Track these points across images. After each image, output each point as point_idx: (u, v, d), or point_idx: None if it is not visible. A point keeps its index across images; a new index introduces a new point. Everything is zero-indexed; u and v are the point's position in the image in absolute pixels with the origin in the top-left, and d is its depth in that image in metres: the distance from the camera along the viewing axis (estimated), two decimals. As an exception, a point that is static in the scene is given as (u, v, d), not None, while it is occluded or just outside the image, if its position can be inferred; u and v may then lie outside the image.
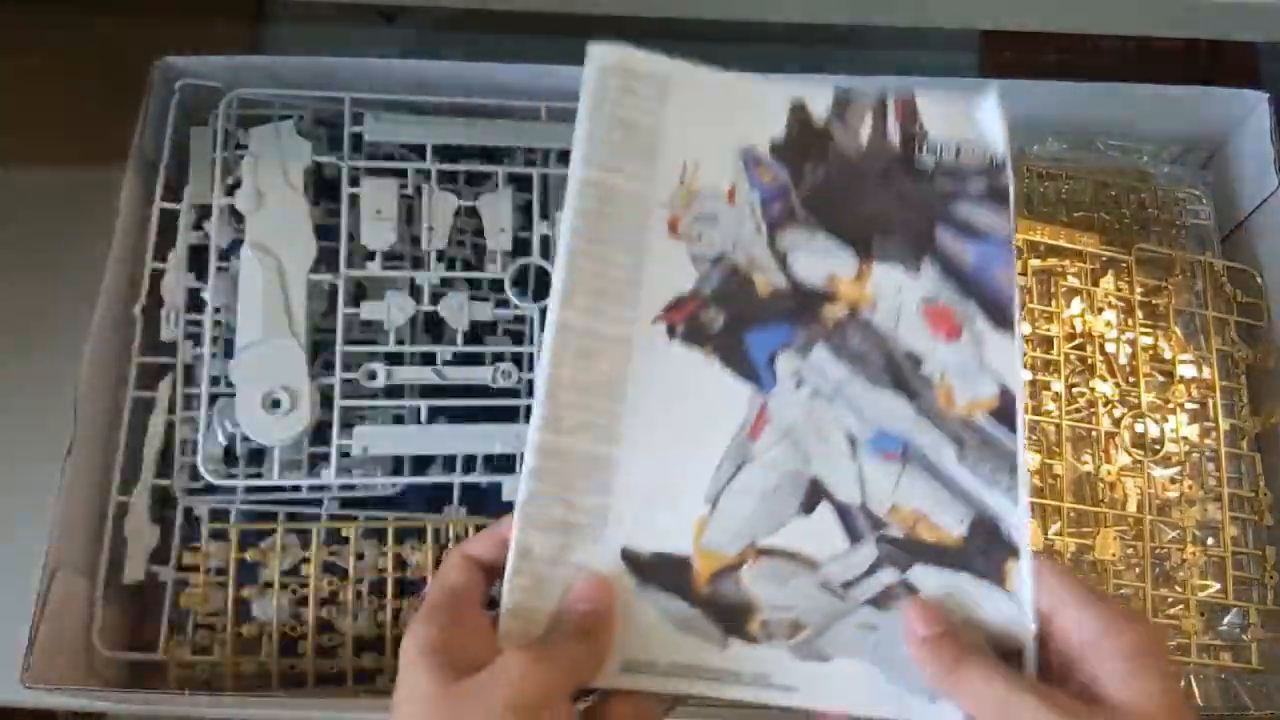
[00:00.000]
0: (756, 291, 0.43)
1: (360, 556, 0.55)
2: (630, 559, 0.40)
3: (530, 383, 0.56)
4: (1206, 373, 0.60)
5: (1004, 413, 0.41)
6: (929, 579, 0.40)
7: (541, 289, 0.58)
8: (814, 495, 0.41)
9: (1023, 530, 0.40)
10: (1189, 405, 0.60)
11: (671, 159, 0.43)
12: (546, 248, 0.58)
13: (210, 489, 0.56)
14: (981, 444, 0.41)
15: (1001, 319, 0.42)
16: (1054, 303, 0.60)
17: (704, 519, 0.40)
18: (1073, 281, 0.61)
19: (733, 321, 0.42)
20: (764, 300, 0.43)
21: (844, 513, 0.41)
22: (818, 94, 0.45)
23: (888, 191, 0.44)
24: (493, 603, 0.39)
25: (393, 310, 0.56)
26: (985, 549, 0.40)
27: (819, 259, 0.43)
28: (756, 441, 0.41)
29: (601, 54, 0.43)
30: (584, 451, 0.40)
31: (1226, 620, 0.58)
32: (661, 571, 0.40)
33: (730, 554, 0.40)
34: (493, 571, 0.39)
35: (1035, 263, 0.61)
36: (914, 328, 0.43)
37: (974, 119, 0.44)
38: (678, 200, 0.43)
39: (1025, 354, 0.59)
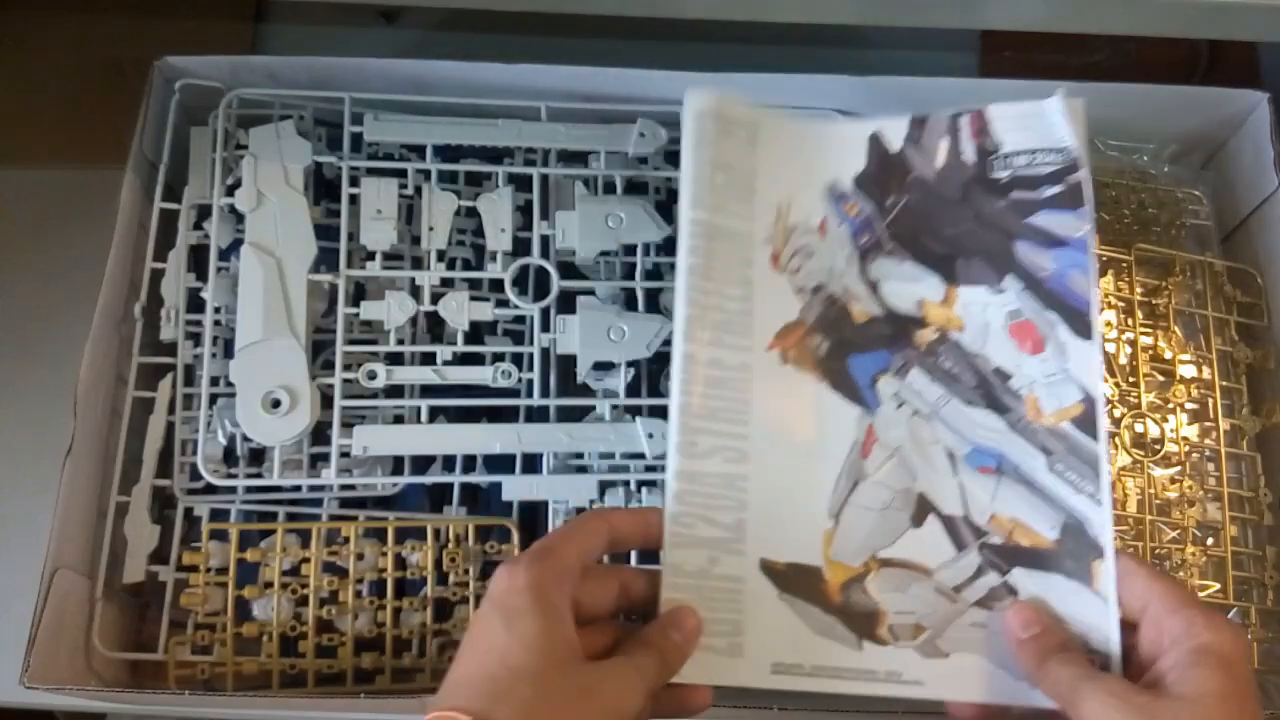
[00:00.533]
0: (854, 319, 0.46)
1: (360, 556, 0.55)
2: (768, 569, 0.43)
3: (530, 382, 0.56)
4: (1206, 373, 0.60)
5: (1087, 419, 0.44)
6: (1026, 581, 0.43)
7: (541, 289, 0.58)
8: (922, 509, 0.45)
9: (1107, 532, 0.43)
10: (1189, 405, 0.60)
11: (767, 198, 0.46)
12: (546, 247, 0.58)
13: (210, 489, 0.56)
14: (1068, 452, 0.44)
15: (1082, 327, 0.45)
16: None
17: (830, 532, 0.44)
18: (1073, 281, 0.60)
19: (836, 347, 0.46)
20: (861, 326, 0.46)
21: (949, 524, 0.45)
22: (894, 123, 0.48)
23: (966, 212, 0.47)
24: None
25: (393, 310, 0.56)
26: (1075, 551, 0.43)
27: (908, 285, 0.47)
28: (867, 460, 0.45)
29: (698, 99, 0.45)
30: (718, 472, 0.43)
31: (1226, 620, 0.57)
32: (798, 581, 0.43)
33: (856, 565, 0.44)
34: (614, 546, 0.42)
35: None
36: (1001, 344, 0.46)
37: (1045, 120, 0.46)
38: (776, 236, 0.46)
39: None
